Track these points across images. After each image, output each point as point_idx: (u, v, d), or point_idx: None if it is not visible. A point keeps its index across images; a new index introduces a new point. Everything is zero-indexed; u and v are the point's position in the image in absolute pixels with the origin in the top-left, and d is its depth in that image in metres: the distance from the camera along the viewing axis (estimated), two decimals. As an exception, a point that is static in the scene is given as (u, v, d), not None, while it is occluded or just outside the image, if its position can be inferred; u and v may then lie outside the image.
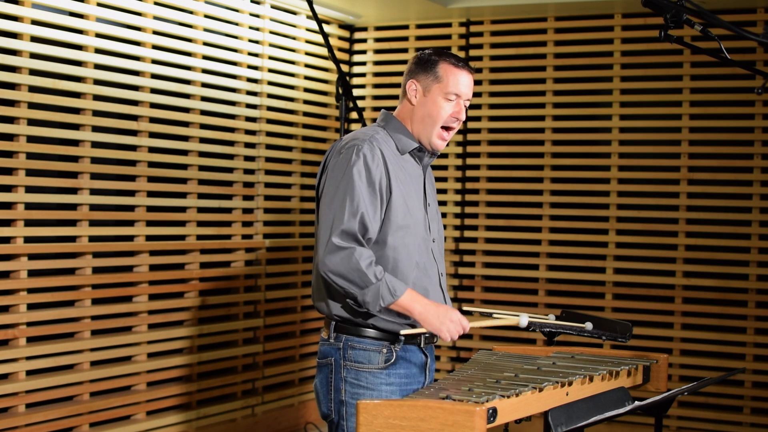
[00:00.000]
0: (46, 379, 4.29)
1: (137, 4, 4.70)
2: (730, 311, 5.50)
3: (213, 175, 5.19)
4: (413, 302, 2.75)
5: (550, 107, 5.93)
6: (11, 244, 4.17)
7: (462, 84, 2.88)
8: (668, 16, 2.53)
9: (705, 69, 5.56)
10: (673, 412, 5.52)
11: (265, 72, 5.53)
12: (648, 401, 2.79)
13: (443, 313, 2.76)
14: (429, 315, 2.76)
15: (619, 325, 3.45)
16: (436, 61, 2.90)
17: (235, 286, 5.35)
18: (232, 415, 5.28)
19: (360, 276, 2.68)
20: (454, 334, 2.77)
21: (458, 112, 2.89)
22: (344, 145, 2.83)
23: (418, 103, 2.90)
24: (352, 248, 2.69)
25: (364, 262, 2.68)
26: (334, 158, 2.83)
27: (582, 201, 5.84)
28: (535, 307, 5.87)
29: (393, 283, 2.72)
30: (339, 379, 2.86)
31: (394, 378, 2.85)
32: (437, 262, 2.95)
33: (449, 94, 2.87)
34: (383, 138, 2.88)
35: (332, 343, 2.88)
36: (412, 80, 2.92)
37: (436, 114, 2.87)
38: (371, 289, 2.69)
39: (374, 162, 2.78)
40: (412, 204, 2.88)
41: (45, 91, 4.29)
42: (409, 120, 2.93)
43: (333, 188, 2.78)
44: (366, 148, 2.79)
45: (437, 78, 2.88)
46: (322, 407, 2.92)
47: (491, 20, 6.04)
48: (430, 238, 2.94)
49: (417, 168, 2.96)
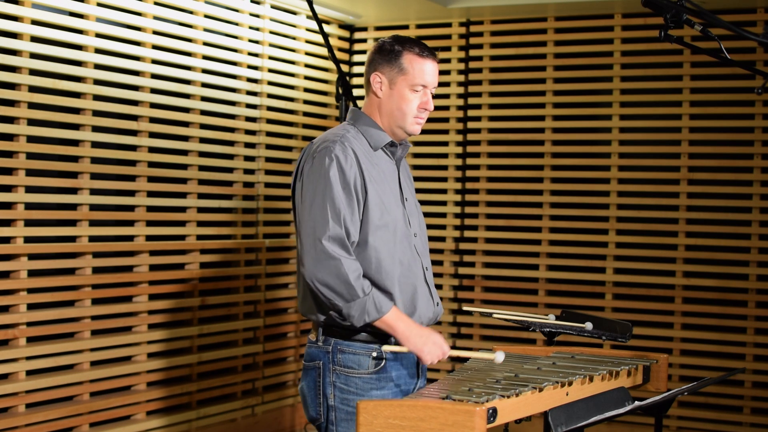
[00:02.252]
0: (46, 379, 4.29)
1: (137, 4, 4.70)
2: (730, 311, 5.49)
3: (213, 175, 5.19)
4: (398, 321, 2.72)
5: (550, 107, 5.93)
6: (11, 244, 4.17)
7: (428, 74, 2.82)
8: (668, 16, 2.53)
9: (705, 69, 5.56)
10: (673, 412, 5.52)
11: (265, 72, 5.53)
12: (648, 401, 2.79)
13: (426, 335, 2.74)
14: (412, 335, 2.73)
15: (619, 325, 3.45)
16: (399, 52, 2.82)
17: (235, 286, 5.35)
18: (232, 415, 5.29)
19: (347, 289, 2.65)
20: (434, 357, 2.74)
21: (426, 102, 2.84)
22: (316, 149, 2.78)
23: (384, 95, 2.84)
24: (339, 259, 2.65)
25: (352, 274, 2.65)
26: (308, 162, 2.77)
27: (582, 201, 5.84)
28: (535, 307, 5.87)
29: (380, 299, 2.69)
30: (327, 383, 2.82)
31: (384, 382, 2.82)
32: (421, 257, 2.91)
33: (416, 85, 2.81)
34: (354, 136, 2.83)
35: (320, 346, 2.83)
36: (376, 73, 2.84)
37: (405, 107, 2.82)
38: (358, 303, 2.67)
39: (347, 163, 2.73)
40: (389, 201, 2.83)
41: (45, 91, 4.29)
42: (377, 114, 2.87)
43: (310, 193, 2.73)
44: (338, 150, 2.74)
45: (402, 70, 2.81)
46: (309, 411, 2.89)
47: (491, 20, 6.04)
48: (411, 233, 2.89)
49: (390, 163, 2.91)
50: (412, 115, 2.84)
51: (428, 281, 2.93)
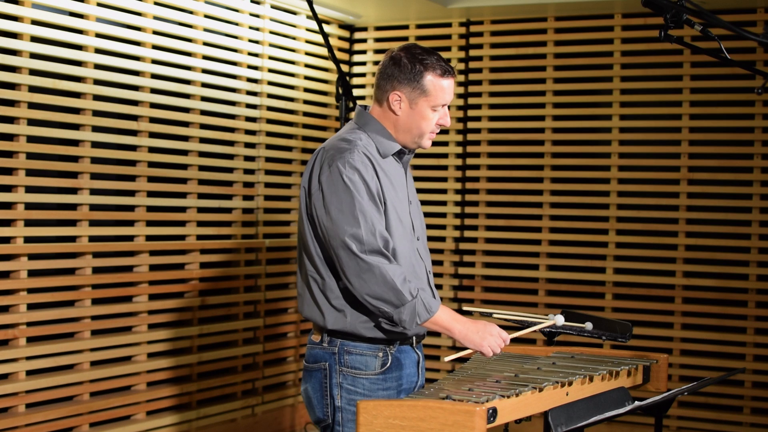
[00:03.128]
0: (46, 379, 4.29)
1: (137, 4, 4.70)
2: (730, 311, 5.50)
3: (213, 175, 5.19)
4: (453, 321, 2.73)
5: (550, 107, 5.93)
6: (11, 244, 4.17)
7: (448, 93, 2.84)
8: (668, 16, 2.53)
9: (705, 69, 5.56)
10: (673, 412, 5.52)
11: (265, 72, 5.53)
12: (648, 401, 2.79)
13: (482, 329, 2.74)
14: (469, 333, 2.73)
15: (619, 325, 3.45)
16: (421, 72, 2.79)
17: (235, 286, 5.35)
18: (232, 415, 5.29)
19: (396, 294, 2.64)
20: (496, 348, 2.75)
21: (443, 117, 2.86)
22: (330, 156, 2.75)
23: (403, 114, 2.83)
24: (380, 267, 2.64)
25: (398, 279, 2.64)
26: (325, 171, 2.74)
27: (582, 201, 5.84)
28: (535, 307, 5.87)
29: (428, 300, 2.69)
30: (334, 384, 2.81)
31: (390, 382, 2.83)
32: (424, 260, 2.92)
33: (437, 106, 2.82)
34: (366, 143, 2.82)
35: (325, 347, 2.82)
36: (395, 92, 2.81)
37: (425, 126, 2.84)
38: (407, 306, 2.65)
39: (368, 174, 2.73)
40: (401, 208, 2.84)
41: (45, 91, 4.29)
42: (392, 127, 2.86)
43: (336, 206, 2.69)
44: (357, 160, 2.72)
45: (424, 92, 2.79)
46: (316, 412, 2.87)
47: (491, 20, 6.04)
48: (415, 237, 2.91)
49: (398, 168, 2.91)
50: (430, 131, 2.87)
51: (431, 284, 2.95)
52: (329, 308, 2.78)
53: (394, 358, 2.83)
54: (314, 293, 2.81)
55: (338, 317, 2.77)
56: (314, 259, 2.79)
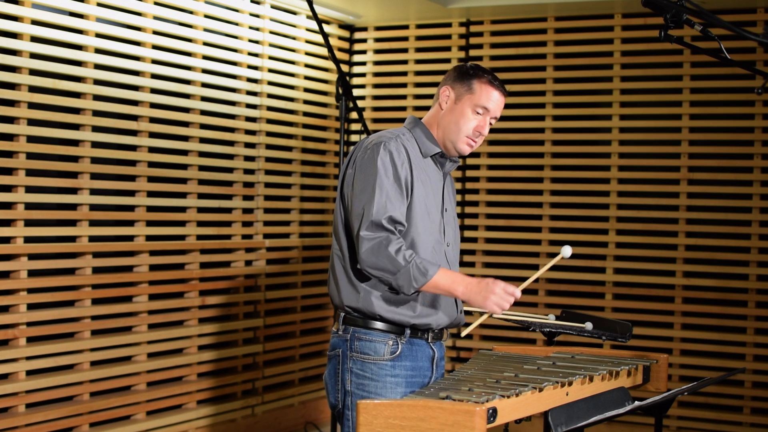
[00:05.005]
0: (46, 379, 4.29)
1: (137, 4, 4.70)
2: (730, 311, 5.50)
3: (213, 175, 5.19)
4: (454, 282, 2.77)
5: (550, 107, 5.93)
6: (11, 244, 4.17)
7: (493, 100, 2.95)
8: (668, 16, 2.53)
9: (705, 69, 5.56)
10: (673, 412, 5.52)
11: (265, 72, 5.53)
12: (648, 401, 2.79)
13: (485, 288, 2.76)
14: (472, 293, 2.77)
15: (619, 325, 3.45)
16: (474, 75, 2.96)
17: (235, 286, 5.35)
18: (232, 415, 5.28)
19: (391, 261, 2.72)
20: (504, 304, 2.76)
21: (482, 126, 2.96)
22: (371, 142, 2.90)
23: (448, 109, 2.97)
24: (380, 237, 2.74)
25: (393, 247, 2.73)
26: (361, 154, 2.89)
27: (582, 201, 5.84)
28: (535, 307, 5.87)
29: (424, 263, 2.74)
30: (345, 369, 2.90)
31: (399, 370, 2.87)
32: (450, 265, 2.99)
33: (478, 107, 2.93)
34: (408, 139, 2.95)
35: (341, 335, 2.92)
36: (446, 86, 2.98)
37: (463, 123, 2.94)
38: (402, 272, 2.72)
39: (400, 159, 2.85)
40: (431, 205, 2.94)
41: (45, 91, 4.29)
42: (435, 125, 2.99)
43: (362, 182, 2.83)
44: (392, 145, 2.86)
45: (471, 89, 2.94)
46: (330, 398, 2.97)
47: (491, 20, 6.04)
48: (445, 241, 2.99)
49: (438, 173, 3.02)
50: (466, 134, 2.95)
51: None
52: (346, 284, 2.90)
53: (404, 348, 2.88)
54: (336, 270, 2.93)
55: (352, 293, 2.88)
56: (340, 236, 2.92)
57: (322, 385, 5.80)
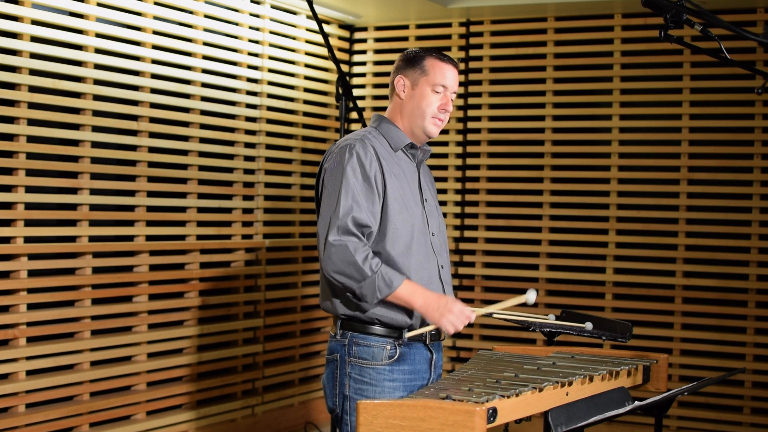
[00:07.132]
0: (46, 379, 4.29)
1: (137, 4, 4.70)
2: (730, 311, 5.50)
3: (213, 175, 5.19)
4: (413, 295, 2.78)
5: (550, 107, 5.93)
6: (11, 244, 4.17)
7: (448, 77, 2.97)
8: (668, 16, 2.53)
9: (705, 69, 5.56)
10: (673, 412, 5.52)
11: (265, 72, 5.53)
12: (648, 401, 2.79)
13: (443, 305, 2.78)
14: (429, 308, 2.79)
15: (619, 325, 3.45)
16: (422, 56, 2.98)
17: (235, 286, 5.34)
18: (232, 415, 5.28)
19: (356, 269, 2.73)
20: (458, 325, 2.78)
21: (446, 103, 2.98)
22: (338, 146, 2.92)
23: (407, 97, 2.98)
24: (345, 244, 2.74)
25: (359, 255, 2.73)
26: (329, 161, 2.90)
27: (582, 201, 5.84)
28: (535, 307, 5.87)
29: (389, 274, 2.75)
30: (344, 374, 2.90)
31: (397, 374, 2.88)
32: (437, 255, 2.98)
33: (436, 86, 2.95)
34: (375, 137, 2.96)
35: (338, 339, 2.92)
36: (400, 76, 3.00)
37: (425, 105, 2.95)
38: (368, 281, 2.73)
39: (367, 158, 2.86)
40: (408, 199, 2.93)
41: (45, 91, 4.29)
42: (399, 115, 3.00)
43: (330, 188, 2.84)
44: (358, 146, 2.87)
45: (424, 71, 2.96)
46: (328, 401, 2.98)
47: (491, 20, 6.05)
48: (429, 231, 2.98)
49: (411, 165, 3.02)
50: (432, 114, 2.96)
51: (443, 279, 3.00)
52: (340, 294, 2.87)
53: (402, 352, 2.88)
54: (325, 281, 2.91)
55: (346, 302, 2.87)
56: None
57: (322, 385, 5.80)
